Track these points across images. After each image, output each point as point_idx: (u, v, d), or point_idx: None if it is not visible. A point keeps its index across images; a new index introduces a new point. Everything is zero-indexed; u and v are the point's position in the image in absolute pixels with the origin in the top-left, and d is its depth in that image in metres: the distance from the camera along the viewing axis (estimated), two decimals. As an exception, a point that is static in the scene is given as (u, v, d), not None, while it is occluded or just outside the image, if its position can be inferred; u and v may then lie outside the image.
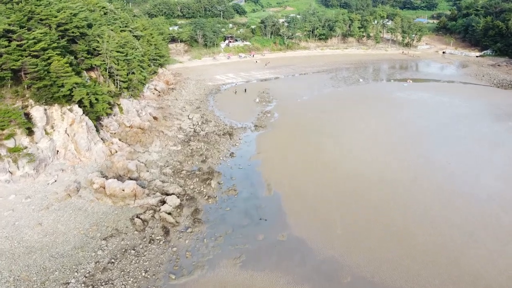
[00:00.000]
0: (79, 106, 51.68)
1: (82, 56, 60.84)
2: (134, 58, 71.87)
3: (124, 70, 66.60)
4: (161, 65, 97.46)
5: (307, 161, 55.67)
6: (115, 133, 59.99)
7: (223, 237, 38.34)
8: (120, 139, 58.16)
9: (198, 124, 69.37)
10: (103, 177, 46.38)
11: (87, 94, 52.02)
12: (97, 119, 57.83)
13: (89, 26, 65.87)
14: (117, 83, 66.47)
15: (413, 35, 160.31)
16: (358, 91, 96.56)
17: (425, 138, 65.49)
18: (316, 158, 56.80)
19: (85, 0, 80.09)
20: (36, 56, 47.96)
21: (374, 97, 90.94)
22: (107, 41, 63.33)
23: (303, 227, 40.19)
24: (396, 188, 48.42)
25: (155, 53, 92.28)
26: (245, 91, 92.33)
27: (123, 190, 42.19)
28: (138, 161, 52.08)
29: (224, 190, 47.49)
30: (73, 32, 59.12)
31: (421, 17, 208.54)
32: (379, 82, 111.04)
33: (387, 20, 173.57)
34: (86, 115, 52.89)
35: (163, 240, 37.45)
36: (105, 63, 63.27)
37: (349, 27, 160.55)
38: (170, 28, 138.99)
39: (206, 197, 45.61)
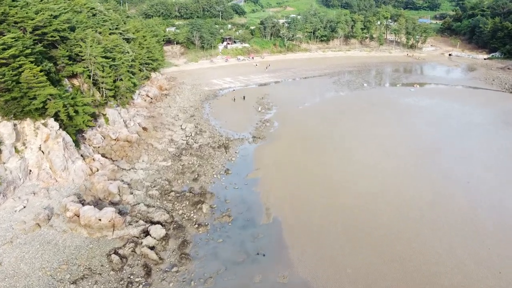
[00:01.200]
0: (56, 120, 46.12)
1: (63, 62, 55.41)
2: (123, 63, 66.32)
3: (110, 77, 61.05)
4: (154, 69, 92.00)
5: (310, 179, 50.17)
6: (98, 147, 54.46)
7: (214, 279, 32.83)
8: (103, 154, 52.69)
9: (191, 135, 63.79)
10: (80, 201, 40.95)
11: (64, 106, 46.51)
12: (79, 132, 52.49)
13: (72, 29, 60.43)
14: (102, 91, 60.92)
15: (418, 37, 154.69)
16: (363, 97, 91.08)
17: (438, 151, 59.89)
18: (320, 175, 51.29)
19: (71, 0, 74.68)
20: (5, 64, 42.44)
21: (380, 103, 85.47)
22: (91, 46, 57.81)
23: (307, 264, 34.72)
24: (413, 214, 42.69)
25: (148, 57, 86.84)
26: (244, 98, 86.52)
27: (100, 220, 36.68)
28: (122, 181, 46.61)
29: (217, 216, 41.95)
30: (52, 36, 53.66)
31: (424, 18, 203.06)
32: (384, 87, 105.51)
33: (390, 21, 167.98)
34: (64, 129, 47.42)
35: (144, 283, 31.92)
36: (88, 70, 57.76)
37: (352, 28, 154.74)
38: (167, 29, 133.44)
39: (196, 225, 40.07)
